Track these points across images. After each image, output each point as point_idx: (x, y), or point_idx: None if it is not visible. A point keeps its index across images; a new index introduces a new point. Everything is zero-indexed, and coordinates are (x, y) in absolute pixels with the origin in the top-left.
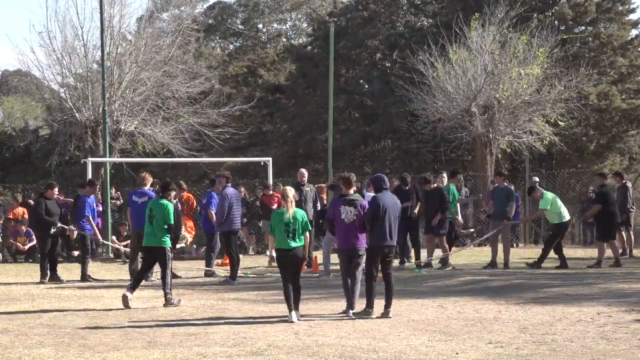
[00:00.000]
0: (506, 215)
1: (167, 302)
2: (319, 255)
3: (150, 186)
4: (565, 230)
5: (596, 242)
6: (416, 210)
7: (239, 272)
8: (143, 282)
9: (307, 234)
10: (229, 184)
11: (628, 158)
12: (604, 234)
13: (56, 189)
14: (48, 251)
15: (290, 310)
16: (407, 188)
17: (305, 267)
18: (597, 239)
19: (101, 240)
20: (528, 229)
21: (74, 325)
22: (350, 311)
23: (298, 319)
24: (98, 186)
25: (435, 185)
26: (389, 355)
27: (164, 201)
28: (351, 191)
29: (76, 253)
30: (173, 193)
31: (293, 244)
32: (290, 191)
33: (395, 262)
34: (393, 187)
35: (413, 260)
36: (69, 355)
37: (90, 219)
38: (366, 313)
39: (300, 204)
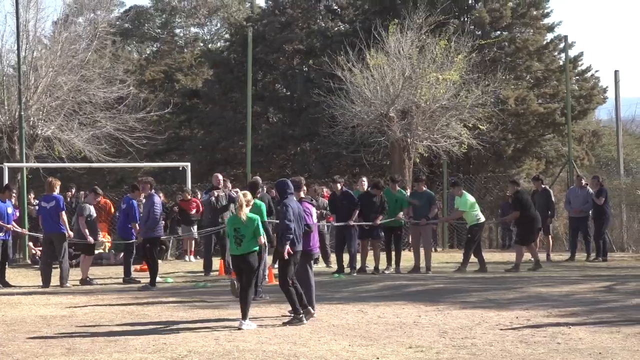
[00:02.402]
0: (426, 216)
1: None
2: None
3: (61, 191)
4: (481, 232)
5: (514, 246)
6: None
7: (157, 277)
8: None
9: (261, 238)
10: (153, 191)
11: (545, 162)
12: (523, 238)
13: None
14: None
15: (241, 320)
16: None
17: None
18: (516, 242)
19: (19, 230)
20: (447, 233)
21: None
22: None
23: (245, 327)
24: (14, 191)
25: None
26: None
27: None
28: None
29: None
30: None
31: (240, 251)
32: (244, 196)
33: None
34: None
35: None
36: None
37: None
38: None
39: (214, 209)
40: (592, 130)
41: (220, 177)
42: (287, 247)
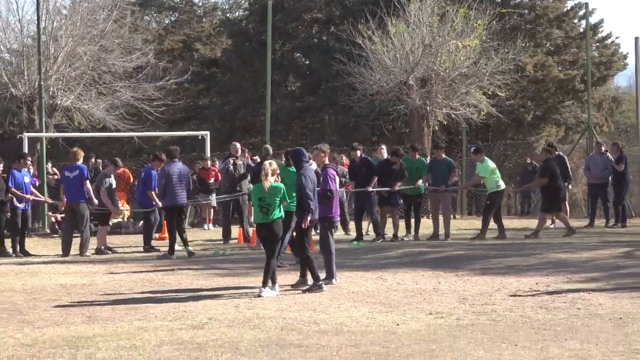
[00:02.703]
0: (445, 183)
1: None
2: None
3: (83, 161)
4: (501, 199)
5: (538, 213)
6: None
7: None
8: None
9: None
10: (176, 160)
11: (564, 129)
12: (549, 205)
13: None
14: None
15: (261, 287)
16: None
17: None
18: (542, 210)
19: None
20: (465, 200)
21: (12, 301)
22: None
23: (265, 294)
24: (29, 160)
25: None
26: (330, 327)
27: None
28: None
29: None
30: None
31: (265, 219)
32: (270, 165)
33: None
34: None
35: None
36: (8, 331)
37: (15, 191)
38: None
39: (232, 177)
40: (612, 97)
41: (239, 145)
42: (309, 216)
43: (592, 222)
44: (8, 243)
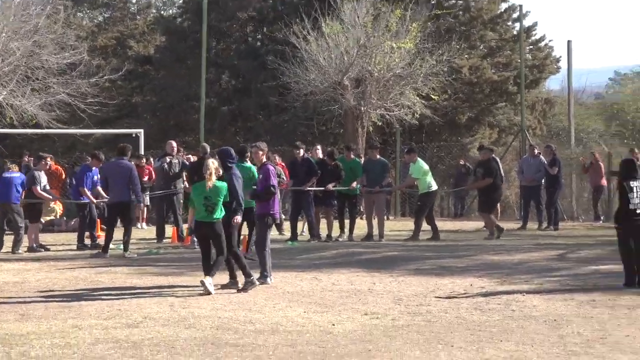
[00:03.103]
0: (380, 184)
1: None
2: None
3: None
4: (433, 200)
5: (480, 214)
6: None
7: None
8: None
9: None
10: (124, 157)
11: (497, 131)
12: (489, 205)
13: None
14: None
15: (205, 275)
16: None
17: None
18: (481, 210)
19: None
20: (399, 201)
21: None
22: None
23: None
24: None
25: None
26: (266, 326)
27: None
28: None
29: None
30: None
31: (209, 218)
32: (212, 164)
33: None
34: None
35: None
36: None
37: None
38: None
39: (167, 176)
40: (545, 98)
41: (174, 144)
42: (238, 217)
43: (524, 225)
44: None
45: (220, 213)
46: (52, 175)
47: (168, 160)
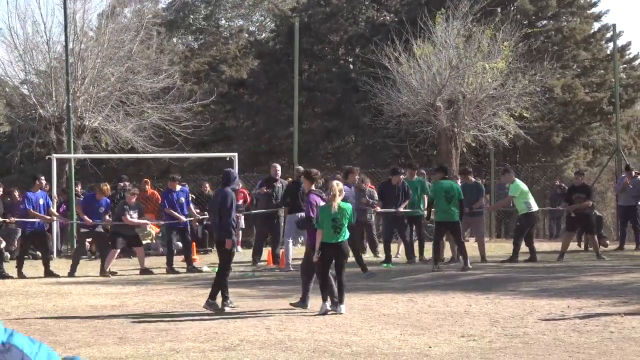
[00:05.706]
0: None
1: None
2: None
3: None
4: (533, 221)
5: (590, 237)
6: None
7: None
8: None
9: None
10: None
11: (592, 151)
12: (594, 226)
13: None
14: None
15: (324, 301)
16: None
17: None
18: (589, 232)
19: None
20: (495, 223)
21: (43, 322)
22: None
23: (335, 311)
24: (45, 182)
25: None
26: (362, 349)
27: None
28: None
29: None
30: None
31: (339, 238)
32: (337, 185)
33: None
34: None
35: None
36: None
37: (32, 212)
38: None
39: (271, 199)
40: None
41: (279, 167)
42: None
43: (622, 245)
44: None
45: (346, 234)
46: (149, 200)
47: (264, 190)
